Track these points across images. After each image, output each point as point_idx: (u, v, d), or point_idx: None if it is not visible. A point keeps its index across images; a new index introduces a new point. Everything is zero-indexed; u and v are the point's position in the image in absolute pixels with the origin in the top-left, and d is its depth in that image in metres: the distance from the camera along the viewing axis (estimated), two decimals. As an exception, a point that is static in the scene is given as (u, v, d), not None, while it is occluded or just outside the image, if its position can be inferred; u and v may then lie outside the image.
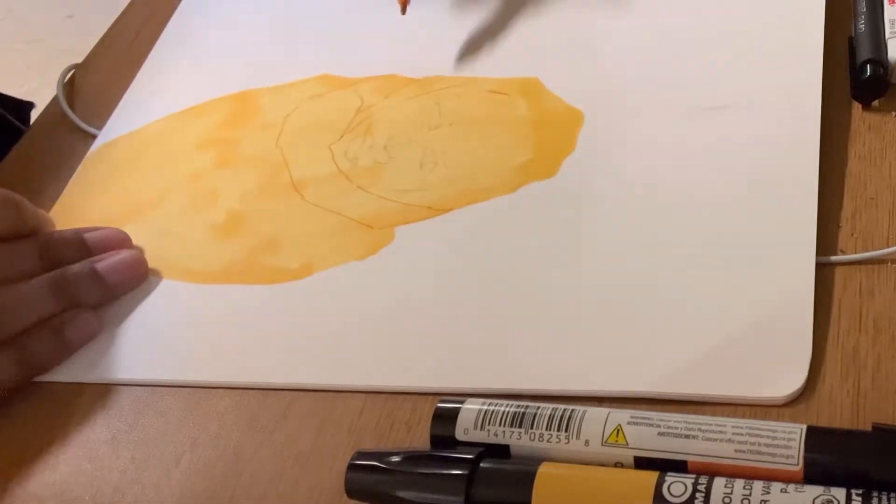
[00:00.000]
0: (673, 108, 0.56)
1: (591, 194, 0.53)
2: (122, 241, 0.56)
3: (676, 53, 0.59)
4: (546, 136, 0.56)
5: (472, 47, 0.63)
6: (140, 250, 0.56)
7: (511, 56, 0.62)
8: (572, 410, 0.41)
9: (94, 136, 0.65)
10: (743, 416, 0.41)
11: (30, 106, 0.79)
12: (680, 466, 0.39)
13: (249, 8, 0.71)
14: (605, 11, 0.62)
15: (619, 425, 0.40)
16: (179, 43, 0.70)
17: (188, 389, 0.50)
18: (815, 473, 0.37)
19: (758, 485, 0.37)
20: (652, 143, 0.55)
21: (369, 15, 0.67)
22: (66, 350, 0.52)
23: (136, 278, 0.55)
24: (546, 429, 0.41)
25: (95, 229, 0.56)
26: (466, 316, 0.49)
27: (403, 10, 0.62)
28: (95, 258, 0.54)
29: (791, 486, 0.37)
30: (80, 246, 0.54)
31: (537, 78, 0.60)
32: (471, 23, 0.65)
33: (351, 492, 0.42)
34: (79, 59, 0.71)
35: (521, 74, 0.60)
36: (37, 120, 0.68)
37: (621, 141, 0.55)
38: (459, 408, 0.42)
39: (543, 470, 0.40)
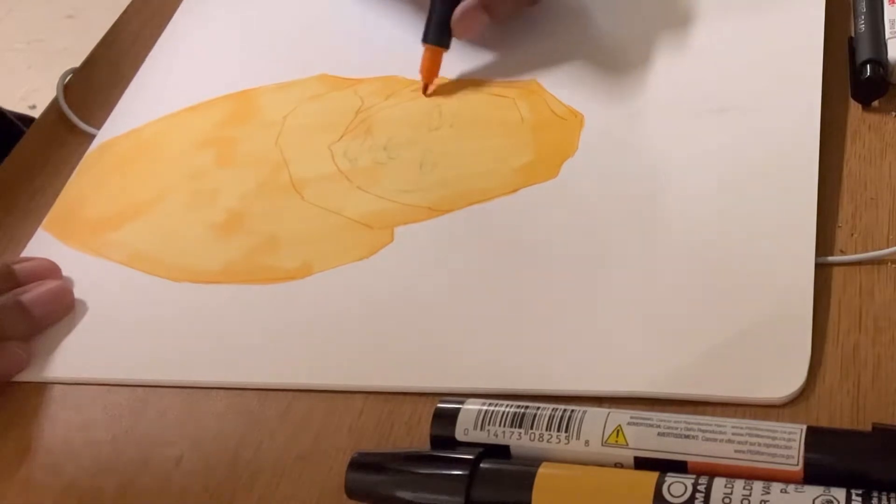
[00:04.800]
0: (673, 109, 0.56)
1: (592, 195, 0.53)
2: (52, 272, 0.55)
3: (676, 55, 0.59)
4: (546, 138, 0.56)
5: (473, 50, 0.63)
6: (67, 281, 0.55)
7: (512, 59, 0.62)
8: (572, 411, 0.41)
9: (93, 136, 0.65)
10: (743, 417, 0.41)
11: (31, 120, 0.78)
12: (680, 467, 0.39)
13: (249, 8, 0.71)
14: (604, 14, 0.62)
15: (619, 425, 0.40)
16: (179, 42, 0.70)
17: (188, 389, 0.50)
18: (815, 473, 0.37)
19: (758, 485, 0.37)
20: (652, 145, 0.55)
21: (370, 15, 0.67)
22: None
23: (62, 309, 0.54)
24: (546, 429, 0.41)
25: (25, 260, 0.56)
26: (466, 316, 0.49)
27: (425, 91, 0.61)
28: (20, 290, 0.53)
29: (791, 487, 0.37)
30: (9, 277, 0.54)
31: (538, 81, 0.60)
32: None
33: (351, 492, 0.42)
34: (79, 59, 0.71)
35: (522, 77, 0.60)
36: (37, 120, 0.68)
37: (622, 143, 0.55)
38: (459, 408, 0.42)
39: (543, 470, 0.40)
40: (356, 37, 0.66)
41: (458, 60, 0.62)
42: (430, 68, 0.60)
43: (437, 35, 0.60)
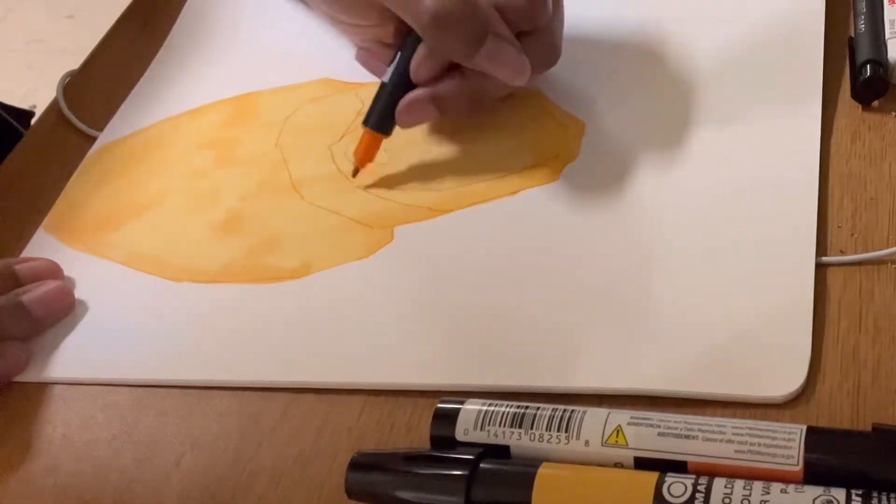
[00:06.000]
0: (674, 113, 0.56)
1: (592, 195, 0.53)
2: (54, 272, 0.55)
3: (676, 60, 0.59)
4: (548, 144, 0.56)
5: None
6: (68, 281, 0.55)
7: None
8: (572, 411, 0.41)
9: (93, 138, 0.65)
10: (743, 417, 0.41)
11: (30, 115, 0.79)
12: (680, 467, 0.39)
13: (251, 11, 0.71)
14: (604, 19, 0.62)
15: (619, 425, 0.40)
16: (182, 47, 0.70)
17: (188, 389, 0.50)
18: (815, 473, 0.38)
19: (758, 485, 0.37)
20: (652, 147, 0.55)
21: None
22: None
23: (62, 310, 0.54)
24: (546, 429, 0.41)
25: (27, 260, 0.56)
26: (466, 316, 0.49)
27: (355, 174, 0.56)
28: (21, 290, 0.53)
29: (791, 487, 0.37)
30: (10, 277, 0.54)
31: (539, 88, 0.59)
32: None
33: (351, 492, 0.42)
34: (79, 60, 0.71)
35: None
36: (37, 121, 0.68)
37: (622, 147, 0.55)
38: (459, 408, 0.42)
39: (543, 470, 0.40)
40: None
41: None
42: (366, 152, 0.56)
43: (379, 121, 0.55)
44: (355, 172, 0.56)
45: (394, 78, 0.55)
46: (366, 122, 0.56)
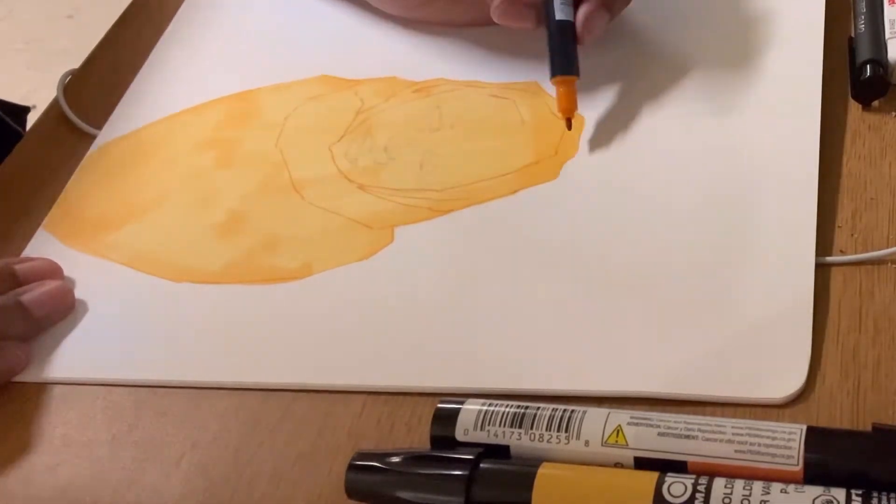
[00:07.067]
0: (674, 110, 0.56)
1: (592, 196, 0.53)
2: (53, 272, 0.55)
3: (676, 56, 0.59)
4: (547, 140, 0.56)
5: (474, 52, 0.63)
6: (68, 281, 0.55)
7: (512, 61, 0.62)
8: (572, 411, 0.41)
9: (93, 137, 0.65)
10: (743, 417, 0.41)
11: (26, 110, 0.79)
12: (680, 467, 0.39)
13: (250, 9, 0.71)
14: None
15: (619, 426, 0.40)
16: (180, 43, 0.70)
17: (188, 389, 0.50)
18: (815, 473, 0.38)
19: (758, 485, 0.37)
20: (652, 146, 0.55)
21: (371, 17, 0.67)
22: None
23: (62, 310, 0.54)
24: (546, 429, 0.41)
25: (27, 260, 0.56)
26: (466, 316, 0.49)
27: (569, 126, 0.56)
28: (21, 290, 0.53)
29: (791, 487, 0.37)
30: (10, 277, 0.54)
31: (538, 83, 0.60)
32: (473, 28, 0.64)
33: (351, 492, 0.42)
34: (79, 60, 0.71)
35: (522, 79, 0.60)
36: (37, 121, 0.68)
37: (622, 144, 0.55)
38: (459, 408, 0.42)
39: (543, 470, 0.40)
40: (357, 38, 0.66)
41: (459, 62, 0.62)
42: (568, 101, 0.56)
43: (566, 65, 0.56)
44: (569, 124, 0.56)
45: (555, 21, 0.56)
46: (554, 74, 0.56)
